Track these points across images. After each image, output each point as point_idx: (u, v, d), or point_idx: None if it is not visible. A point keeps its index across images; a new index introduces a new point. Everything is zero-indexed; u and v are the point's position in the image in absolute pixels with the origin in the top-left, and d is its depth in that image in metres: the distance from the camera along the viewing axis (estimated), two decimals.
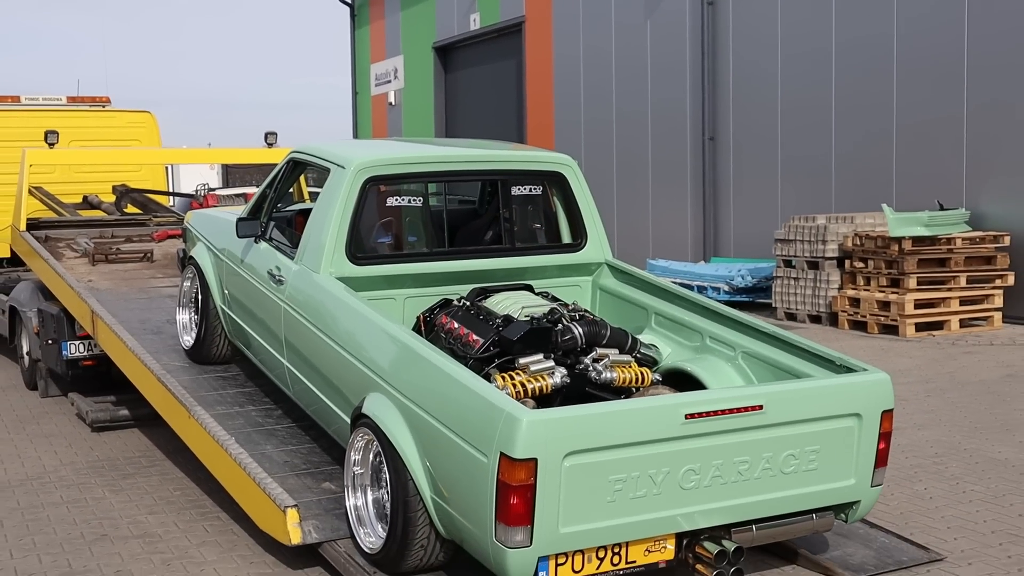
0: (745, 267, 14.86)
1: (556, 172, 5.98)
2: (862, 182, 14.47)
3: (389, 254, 5.81)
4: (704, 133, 17.10)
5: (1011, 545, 5.32)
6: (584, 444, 3.97)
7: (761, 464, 4.31)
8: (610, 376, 4.93)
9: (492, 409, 4.00)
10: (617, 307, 5.93)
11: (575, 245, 6.04)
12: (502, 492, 3.89)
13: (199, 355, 7.01)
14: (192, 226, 7.53)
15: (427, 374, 4.46)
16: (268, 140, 10.82)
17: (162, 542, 5.61)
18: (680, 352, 5.45)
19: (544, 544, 3.98)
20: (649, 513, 4.14)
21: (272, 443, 5.86)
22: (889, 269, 12.21)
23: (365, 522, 4.83)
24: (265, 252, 6.11)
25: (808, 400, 4.46)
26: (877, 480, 4.65)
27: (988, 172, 12.97)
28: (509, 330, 5.01)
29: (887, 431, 4.60)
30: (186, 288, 7.32)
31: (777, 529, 4.50)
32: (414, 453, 4.43)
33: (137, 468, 7.07)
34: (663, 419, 4.11)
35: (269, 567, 5.20)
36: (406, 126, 26.36)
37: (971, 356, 10.63)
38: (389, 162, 5.64)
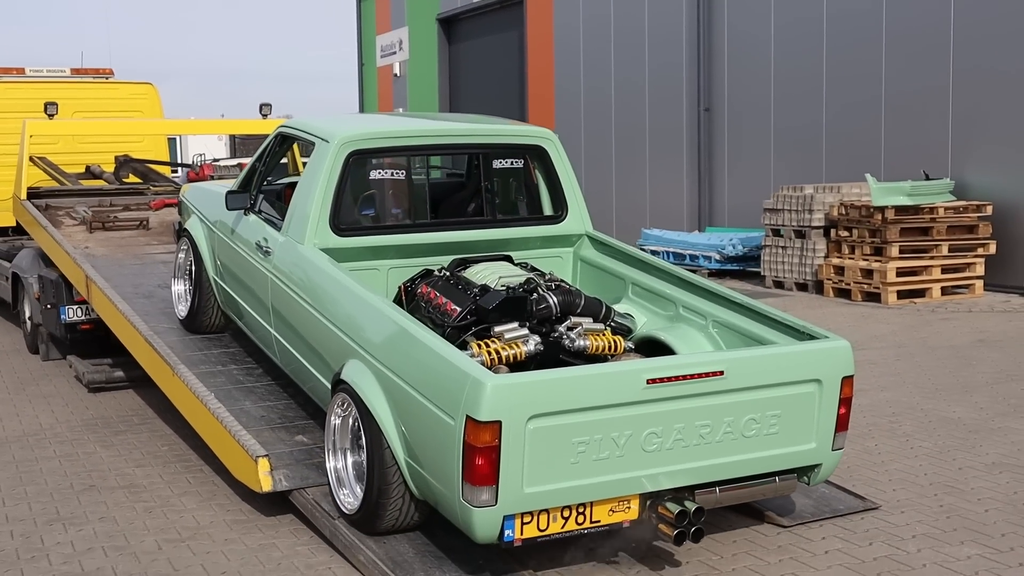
0: (736, 236, 15.11)
1: (537, 146, 6.13)
2: (851, 152, 14.69)
3: (372, 226, 5.96)
4: (700, 104, 17.31)
5: (945, 496, 5.61)
6: (547, 407, 4.10)
7: (722, 428, 4.44)
8: (583, 344, 5.07)
9: (459, 374, 4.15)
10: (596, 278, 6.10)
11: (556, 217, 6.19)
12: (468, 453, 4.03)
13: (193, 325, 7.23)
14: (187, 199, 7.74)
15: (400, 341, 4.62)
16: (263, 111, 11.08)
17: (146, 492, 5.95)
18: (655, 321, 5.61)
19: (509, 503, 4.11)
20: (612, 474, 4.27)
21: (251, 399, 6.18)
22: (872, 238, 12.45)
23: (344, 483, 5.00)
24: (254, 224, 6.28)
25: (769, 366, 4.59)
26: (838, 444, 4.77)
27: (973, 142, 13.17)
28: (485, 299, 5.15)
29: (847, 396, 4.74)
30: (180, 259, 7.52)
31: (740, 491, 4.63)
32: (389, 417, 4.60)
33: (129, 425, 7.40)
34: (625, 384, 4.24)
35: (244, 514, 5.53)
36: (411, 98, 26.59)
37: (947, 323, 10.88)
38: (372, 136, 5.79)
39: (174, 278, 7.55)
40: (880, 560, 4.77)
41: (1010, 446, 6.47)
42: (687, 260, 15.07)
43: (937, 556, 4.81)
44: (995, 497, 5.58)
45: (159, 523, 5.44)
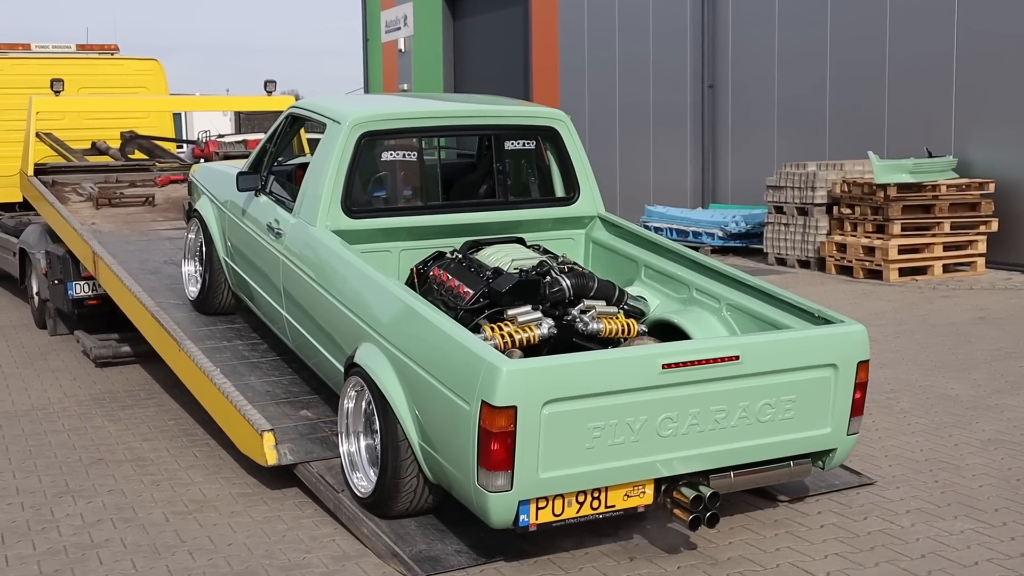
0: (739, 213, 15.15)
1: (549, 127, 6.09)
2: (855, 129, 14.71)
3: (384, 208, 5.95)
4: (704, 81, 17.32)
5: (940, 471, 5.69)
6: (563, 392, 4.09)
7: (738, 413, 4.43)
8: (597, 327, 5.05)
9: (474, 359, 4.14)
10: (609, 260, 6.07)
11: (568, 199, 6.15)
12: (483, 438, 4.03)
13: (204, 306, 7.22)
14: (196, 179, 7.72)
15: (415, 325, 4.60)
16: (267, 88, 11.13)
17: (153, 465, 6.05)
18: (668, 304, 5.59)
19: (524, 488, 4.11)
20: (627, 459, 4.26)
21: (256, 374, 6.27)
22: (875, 215, 12.49)
23: (358, 467, 5.01)
24: (265, 205, 6.25)
25: (784, 351, 4.57)
26: (853, 428, 4.77)
27: (976, 120, 13.19)
28: (498, 282, 5.13)
29: (863, 381, 4.72)
30: (190, 240, 7.50)
31: (755, 476, 4.63)
32: (403, 401, 4.59)
33: (136, 400, 7.50)
34: (640, 369, 4.23)
35: (249, 487, 5.63)
36: (416, 73, 26.59)
37: (948, 300, 10.94)
38: (384, 117, 5.75)
39: (184, 259, 7.54)
40: (874, 534, 4.85)
41: (1006, 423, 6.54)
42: (690, 237, 15.13)
43: (930, 531, 4.89)
44: (989, 473, 5.66)
45: (166, 496, 5.54)
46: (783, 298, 5.08)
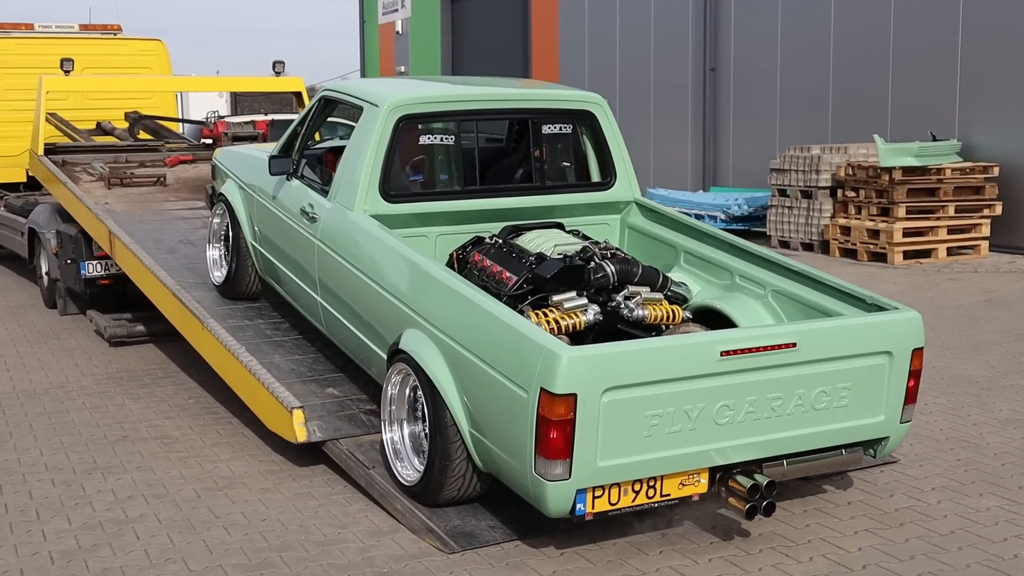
0: (742, 196, 15.19)
1: (586, 111, 6.02)
2: (858, 112, 14.75)
3: (422, 192, 5.89)
4: (706, 63, 17.34)
5: (961, 450, 5.75)
6: (622, 380, 4.05)
7: (794, 400, 4.38)
8: (642, 313, 5.01)
9: (533, 346, 4.09)
10: (645, 245, 5.98)
11: (604, 184, 6.08)
12: (542, 426, 3.99)
13: (230, 291, 7.13)
14: (221, 163, 7.62)
15: (467, 312, 4.54)
16: (276, 69, 11.12)
17: (179, 443, 6.07)
18: (709, 290, 5.51)
19: (582, 477, 4.07)
20: (684, 448, 4.22)
21: (280, 353, 6.30)
22: (879, 198, 12.55)
23: (402, 455, 4.97)
24: (297, 189, 6.16)
25: (841, 338, 4.51)
26: (906, 417, 4.71)
27: (980, 104, 13.24)
28: (543, 268, 5.07)
29: (917, 369, 4.67)
30: (216, 225, 7.41)
31: (807, 464, 4.57)
32: (452, 388, 4.54)
33: (154, 379, 7.52)
34: (699, 356, 4.19)
35: (277, 464, 5.66)
36: (413, 55, 26.54)
37: (954, 282, 11.01)
38: (422, 100, 5.69)
39: (209, 243, 7.45)
40: (902, 511, 4.91)
41: (1022, 403, 6.61)
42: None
43: (957, 507, 4.95)
44: (1010, 452, 5.72)
45: (195, 472, 5.57)
46: (830, 283, 5.01)
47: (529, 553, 4.47)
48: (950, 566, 4.34)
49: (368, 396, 5.82)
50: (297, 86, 11.17)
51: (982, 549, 4.49)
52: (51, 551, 4.58)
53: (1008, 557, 4.42)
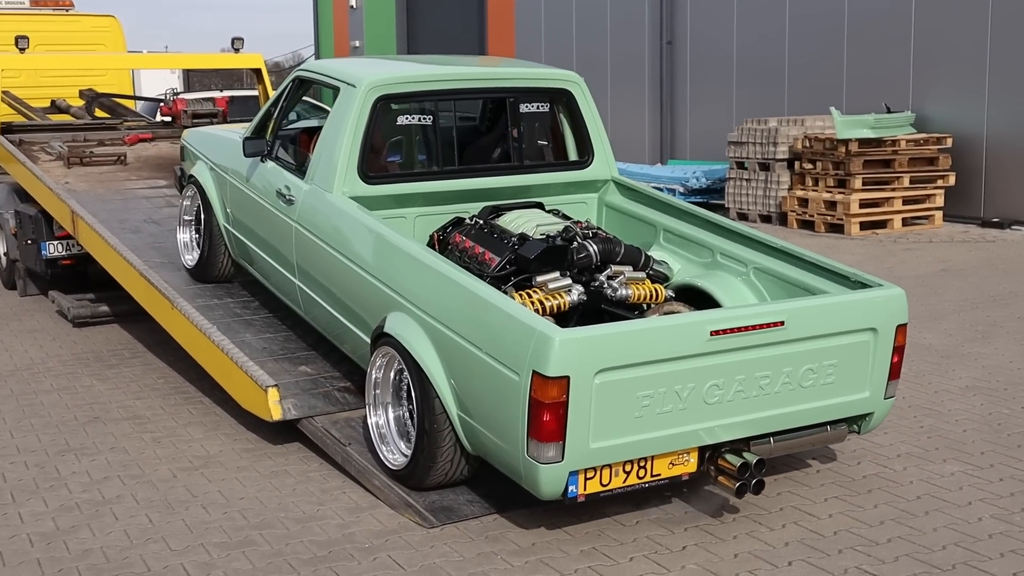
0: (700, 169, 15.30)
1: (564, 89, 6.00)
2: (814, 85, 14.89)
3: (400, 173, 5.86)
4: (662, 36, 17.40)
5: (924, 417, 5.89)
6: (614, 361, 4.05)
7: (781, 379, 4.42)
8: (625, 293, 5.02)
9: (524, 328, 4.07)
10: (624, 224, 5.97)
11: (582, 162, 6.06)
12: (535, 409, 3.98)
13: (202, 274, 7.07)
14: (190, 144, 7.54)
15: (454, 294, 4.51)
16: (235, 45, 11.02)
17: (151, 423, 6.07)
18: (690, 268, 5.51)
19: (575, 459, 4.07)
20: (674, 428, 4.25)
21: (250, 331, 6.30)
22: (836, 170, 12.70)
23: (387, 440, 4.95)
24: (272, 171, 6.10)
25: (827, 316, 4.53)
26: (890, 392, 4.76)
27: (933, 76, 13.42)
28: (526, 248, 5.06)
29: (901, 345, 4.72)
30: (186, 207, 7.32)
31: (794, 441, 4.61)
32: (440, 371, 4.52)
33: (121, 359, 7.49)
34: (689, 336, 4.20)
35: (252, 443, 5.68)
36: (368, 30, 26.36)
37: (910, 253, 11.20)
38: (400, 80, 5.64)
39: (179, 226, 7.36)
40: (870, 478, 5.03)
41: (981, 370, 6.76)
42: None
43: (922, 474, 5.08)
44: (971, 418, 5.87)
45: (169, 452, 5.58)
46: (812, 260, 5.03)
47: (508, 526, 4.54)
48: (918, 530, 4.46)
49: (342, 373, 5.86)
50: (256, 63, 11.09)
51: (948, 514, 4.62)
52: (29, 533, 4.58)
53: (973, 521, 4.55)
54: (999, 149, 12.77)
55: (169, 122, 10.85)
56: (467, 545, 4.37)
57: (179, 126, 10.43)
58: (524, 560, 4.23)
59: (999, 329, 7.83)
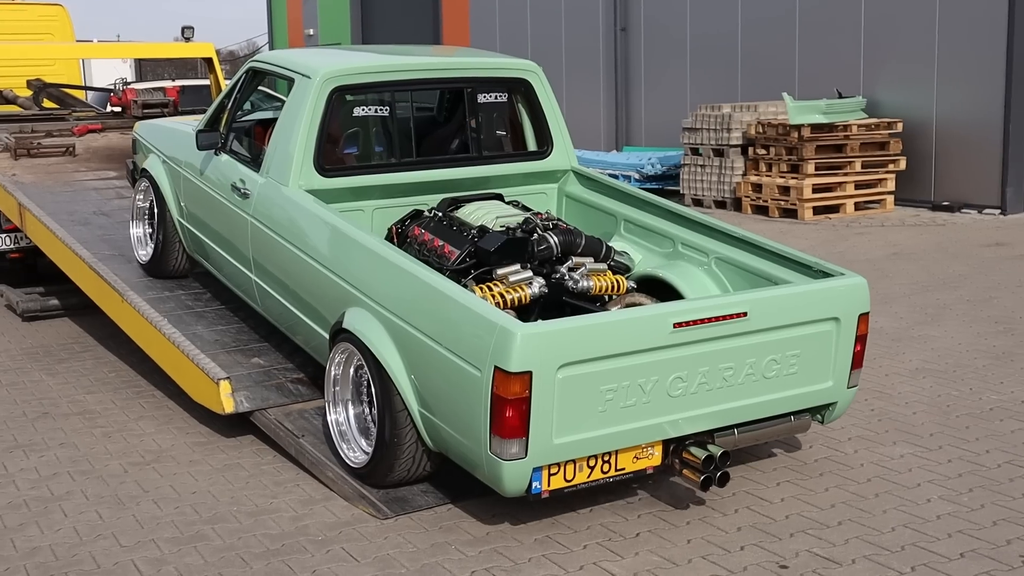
0: (655, 155, 15.36)
1: (522, 79, 5.93)
2: (766, 70, 14.98)
3: (358, 165, 5.75)
4: (616, 24, 17.42)
5: (875, 400, 5.95)
6: (577, 356, 4.00)
7: (745, 370, 4.39)
8: (587, 285, 4.98)
9: (485, 323, 4.01)
10: (584, 214, 5.91)
11: (541, 152, 6.00)
12: (497, 405, 3.93)
13: (156, 269, 6.95)
14: (142, 137, 7.41)
15: (414, 289, 4.45)
16: (185, 34, 10.92)
17: (101, 418, 6.00)
18: (651, 259, 5.47)
19: (539, 455, 4.03)
20: (638, 421, 4.21)
21: (202, 324, 6.25)
22: (789, 155, 12.79)
23: (348, 437, 4.88)
24: (227, 164, 5.99)
25: (790, 306, 4.50)
26: (853, 381, 4.75)
27: (883, 61, 13.54)
28: (485, 241, 4.99)
29: (863, 334, 4.70)
30: (139, 201, 7.19)
31: (758, 432, 4.59)
32: (400, 367, 4.45)
33: (71, 353, 7.40)
34: (652, 329, 4.15)
35: (204, 436, 5.63)
36: (322, 17, 26.19)
37: (862, 237, 11.30)
38: (356, 71, 5.55)
39: (132, 220, 7.23)
40: (821, 462, 5.08)
41: (930, 352, 6.84)
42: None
43: (873, 456, 5.13)
44: (920, 400, 5.94)
45: (120, 447, 5.52)
46: (773, 250, 5.01)
47: (462, 516, 4.53)
48: (868, 512, 4.51)
49: (295, 365, 5.83)
50: (207, 52, 10.98)
51: (897, 496, 4.67)
52: None
53: (921, 502, 4.60)
54: (948, 133, 12.91)
55: (119, 112, 10.72)
56: (421, 536, 4.36)
57: (129, 116, 10.30)
58: (478, 550, 4.23)
59: (949, 312, 7.92)
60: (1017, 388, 6.12)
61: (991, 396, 5.99)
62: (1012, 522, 4.38)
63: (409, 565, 4.12)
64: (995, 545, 4.18)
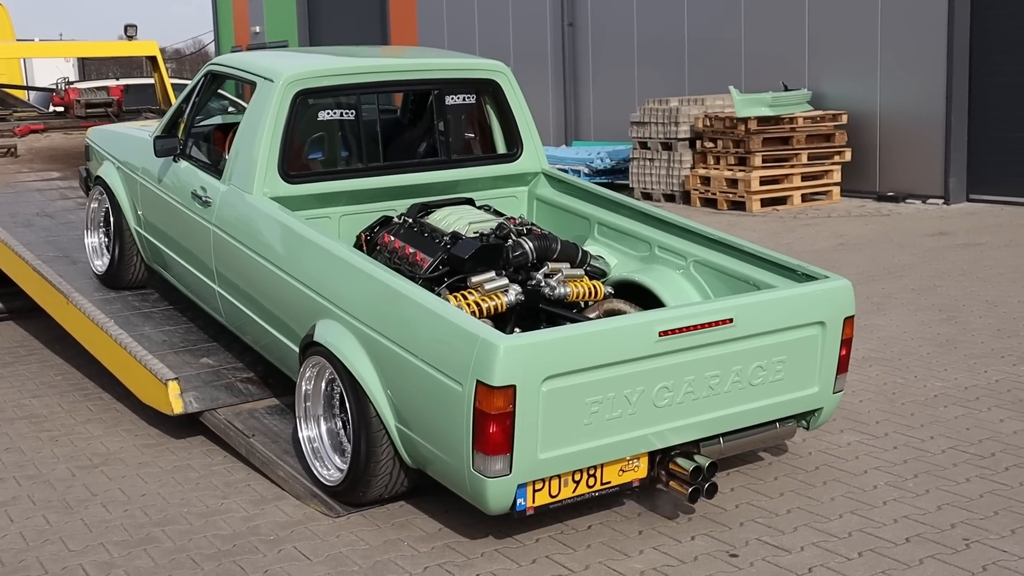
0: (604, 150, 15.43)
1: (490, 79, 5.80)
2: (713, 65, 15.09)
3: (324, 171, 5.57)
4: (563, 19, 17.47)
5: None
6: (562, 367, 3.86)
7: (731, 377, 4.29)
8: (564, 291, 4.82)
9: (465, 336, 3.86)
10: (556, 217, 5.77)
11: (510, 155, 5.86)
12: (480, 421, 3.77)
13: (114, 280, 6.75)
14: (95, 143, 7.21)
15: (388, 299, 4.29)
16: (128, 32, 10.80)
17: (48, 421, 5.93)
18: (627, 263, 5.33)
19: (523, 471, 3.89)
20: (625, 433, 4.09)
21: (150, 324, 6.20)
22: (736, 148, 12.89)
23: (321, 455, 4.71)
24: (186, 172, 5.80)
25: (775, 311, 4.39)
26: (839, 386, 4.65)
27: (828, 54, 13.70)
28: (459, 248, 4.84)
29: (848, 337, 4.60)
30: (93, 209, 6.97)
31: (743, 440, 4.49)
32: (375, 381, 4.29)
33: (16, 357, 7.30)
34: (638, 338, 4.02)
35: (153, 438, 5.59)
36: (268, 15, 26.01)
37: (809, 228, 11.43)
38: (320, 74, 5.36)
39: (86, 230, 7.02)
40: (769, 451, 5.13)
41: (876, 341, 6.94)
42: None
43: (820, 444, 5.20)
44: (867, 389, 6.02)
45: (67, 451, 5.46)
46: (753, 252, 4.89)
47: (414, 512, 4.53)
48: (816, 500, 4.56)
49: (244, 364, 5.79)
50: (151, 50, 10.87)
51: (845, 483, 4.74)
52: None
53: (868, 489, 4.67)
54: (892, 125, 13.09)
55: (62, 112, 10.60)
56: (373, 533, 4.36)
57: (72, 116, 10.20)
58: (431, 545, 4.24)
59: (893, 300, 8.04)
60: (960, 375, 6.22)
61: (935, 383, 6.09)
62: (956, 506, 4.46)
63: (362, 563, 4.12)
64: (940, 529, 4.25)
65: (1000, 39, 12.33)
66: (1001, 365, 6.36)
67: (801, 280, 4.66)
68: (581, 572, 4.00)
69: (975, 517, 4.35)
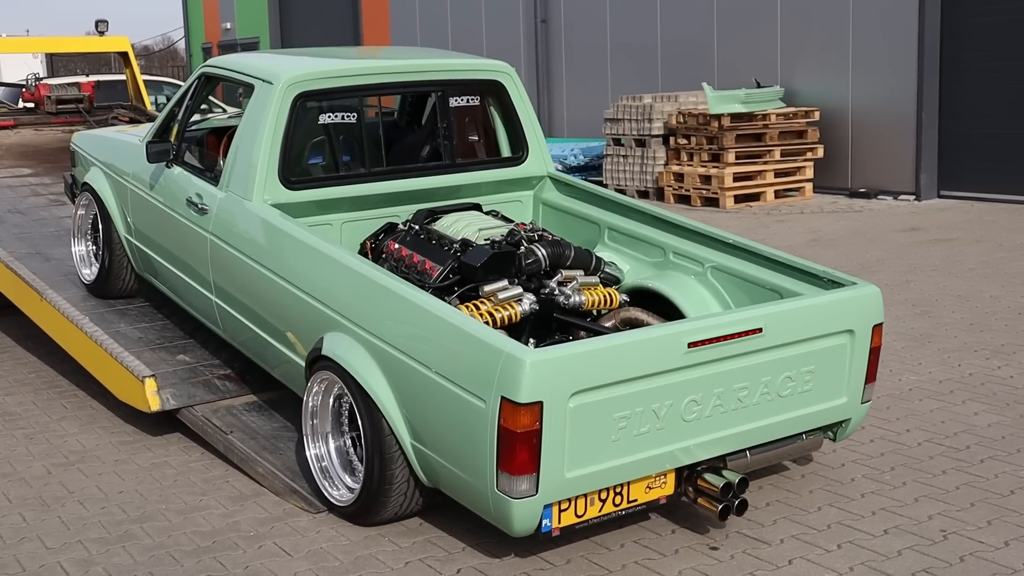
0: (578, 146, 15.45)
1: (494, 80, 5.62)
2: (687, 62, 15.15)
3: (325, 176, 5.35)
4: (536, 16, 17.48)
5: None
6: (589, 382, 3.70)
7: (760, 389, 4.14)
8: (579, 300, 4.65)
9: (488, 349, 3.69)
10: (564, 222, 5.60)
11: (516, 158, 5.68)
12: (505, 440, 3.61)
13: (103, 290, 6.52)
14: (81, 148, 6.98)
15: (402, 311, 4.10)
16: (99, 28, 10.73)
17: (23, 419, 5.88)
18: (640, 269, 5.15)
19: (550, 491, 3.72)
20: (653, 449, 3.93)
21: (125, 321, 6.15)
22: (710, 145, 12.94)
23: (330, 474, 4.52)
24: (180, 178, 5.60)
25: (805, 319, 4.23)
26: (867, 396, 4.50)
27: (800, 51, 13.78)
28: (470, 255, 4.66)
29: (877, 346, 4.46)
30: (81, 216, 6.76)
31: (770, 453, 4.33)
32: (389, 396, 4.10)
33: None
34: (666, 350, 3.86)
35: (130, 436, 5.55)
36: (239, 11, 25.89)
37: (782, 224, 11.49)
38: (321, 75, 5.17)
39: (74, 238, 6.80)
40: None
41: None
42: None
43: None
44: None
45: (43, 449, 5.42)
46: (773, 257, 4.73)
47: None
48: (795, 493, 4.59)
49: (221, 360, 5.76)
50: (122, 46, 10.80)
51: (823, 476, 4.77)
52: None
53: (846, 482, 4.70)
54: (864, 122, 13.18)
55: (32, 108, 10.51)
56: (354, 528, 4.35)
57: (43, 112, 10.12)
58: (411, 541, 4.23)
59: None
60: (935, 368, 6.27)
61: (910, 377, 6.14)
62: (933, 498, 4.50)
63: (343, 558, 4.11)
64: (917, 521, 4.29)
65: (971, 36, 12.44)
66: (974, 359, 6.43)
67: (827, 287, 4.51)
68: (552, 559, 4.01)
69: (952, 509, 4.39)
